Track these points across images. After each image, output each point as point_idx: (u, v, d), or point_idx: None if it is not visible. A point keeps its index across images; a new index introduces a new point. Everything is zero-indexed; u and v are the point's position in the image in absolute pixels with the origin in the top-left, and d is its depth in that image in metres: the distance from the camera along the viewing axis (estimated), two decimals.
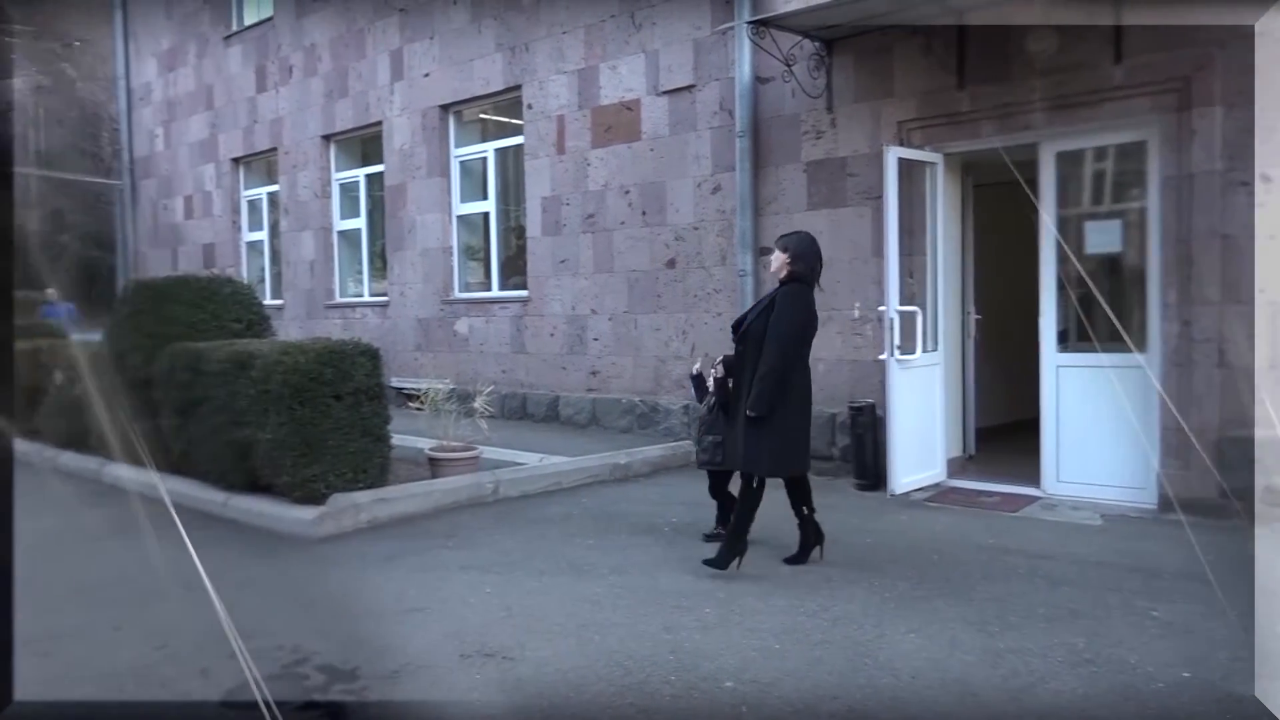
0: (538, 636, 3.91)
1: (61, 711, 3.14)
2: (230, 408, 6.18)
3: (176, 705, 3.35)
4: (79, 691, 3.44)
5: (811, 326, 4.81)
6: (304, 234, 12.61)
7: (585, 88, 9.09)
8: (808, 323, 4.76)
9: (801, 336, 4.72)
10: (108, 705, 3.16)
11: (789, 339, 4.62)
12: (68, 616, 4.27)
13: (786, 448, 4.71)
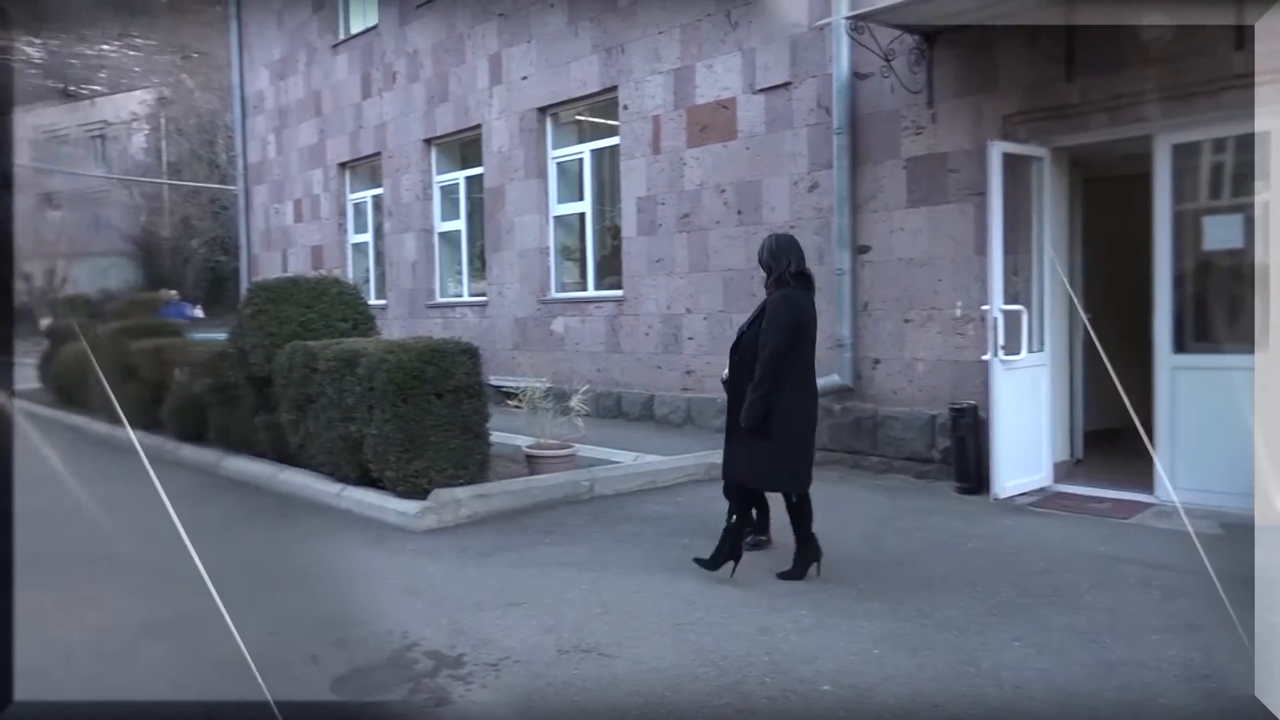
0: (634, 634, 3.95)
1: (62, 711, 3.22)
2: (340, 404, 6.42)
3: (176, 705, 3.40)
4: (199, 676, 3.62)
5: (805, 330, 4.57)
6: (406, 235, 12.98)
7: (681, 87, 9.11)
8: (799, 326, 4.54)
9: (793, 342, 4.50)
10: (108, 705, 3.24)
11: (779, 346, 4.45)
12: (193, 603, 4.49)
13: (785, 461, 4.56)
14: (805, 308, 4.60)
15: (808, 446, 4.68)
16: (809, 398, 4.66)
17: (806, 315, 4.60)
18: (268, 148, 16.17)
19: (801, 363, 4.57)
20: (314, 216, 15.10)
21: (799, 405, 4.57)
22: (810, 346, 4.64)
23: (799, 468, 4.62)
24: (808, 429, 4.67)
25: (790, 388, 4.50)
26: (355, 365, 6.30)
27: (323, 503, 6.57)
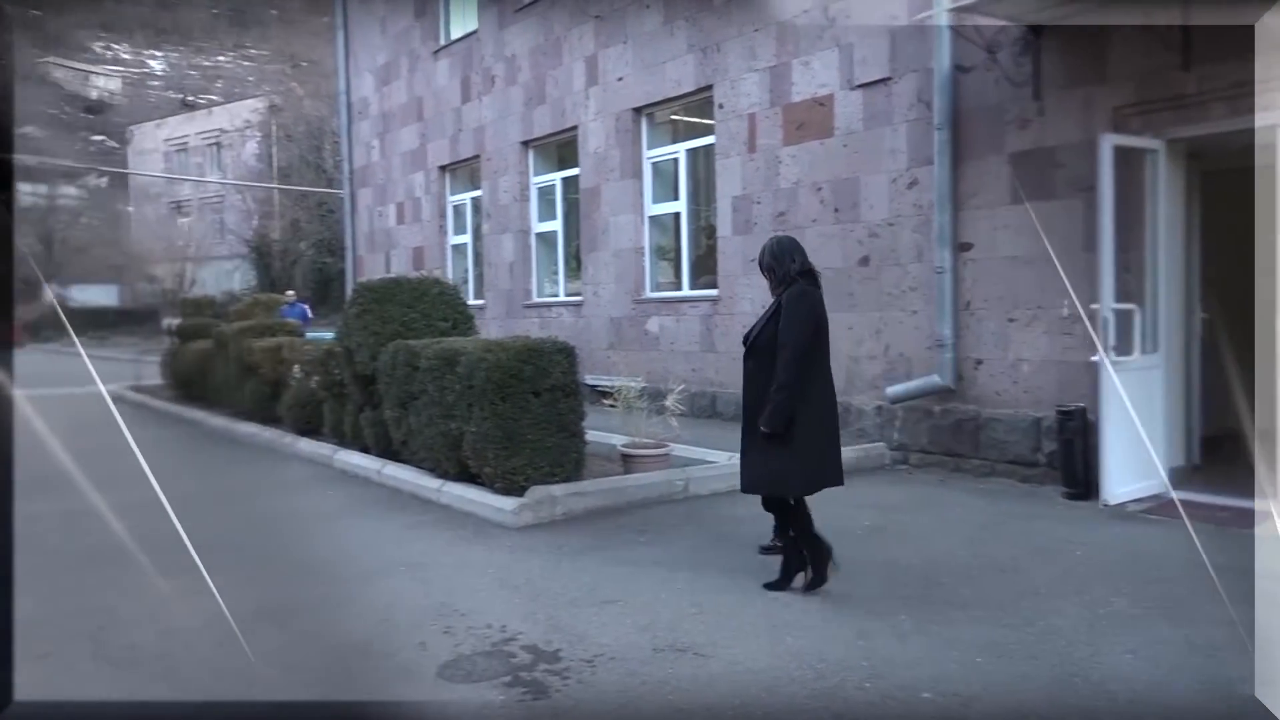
0: (729, 634, 3.95)
1: (62, 711, 3.28)
2: (441, 401, 6.60)
3: (176, 705, 3.46)
4: (312, 661, 3.77)
5: (822, 326, 4.44)
6: (504, 236, 13.23)
7: (777, 85, 9.05)
8: (818, 324, 4.39)
9: (814, 340, 4.35)
10: (107, 705, 3.30)
11: (800, 343, 4.27)
12: (304, 590, 4.70)
13: (815, 462, 4.38)
14: (820, 303, 4.46)
15: (835, 444, 4.52)
16: (830, 395, 4.47)
17: (823, 311, 4.47)
18: (372, 152, 16.68)
19: (820, 360, 4.41)
20: (415, 219, 15.52)
21: (821, 404, 4.40)
22: (826, 341, 4.49)
23: (831, 464, 4.47)
24: (833, 426, 4.50)
25: (812, 387, 4.34)
26: (455, 364, 6.46)
27: (424, 497, 6.76)
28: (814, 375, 4.35)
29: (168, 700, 3.38)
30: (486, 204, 13.63)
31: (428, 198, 15.16)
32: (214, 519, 6.35)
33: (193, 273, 38.50)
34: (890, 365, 8.10)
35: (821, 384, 4.40)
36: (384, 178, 16.35)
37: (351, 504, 6.74)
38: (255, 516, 6.44)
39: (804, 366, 4.27)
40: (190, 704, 3.26)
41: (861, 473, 7.45)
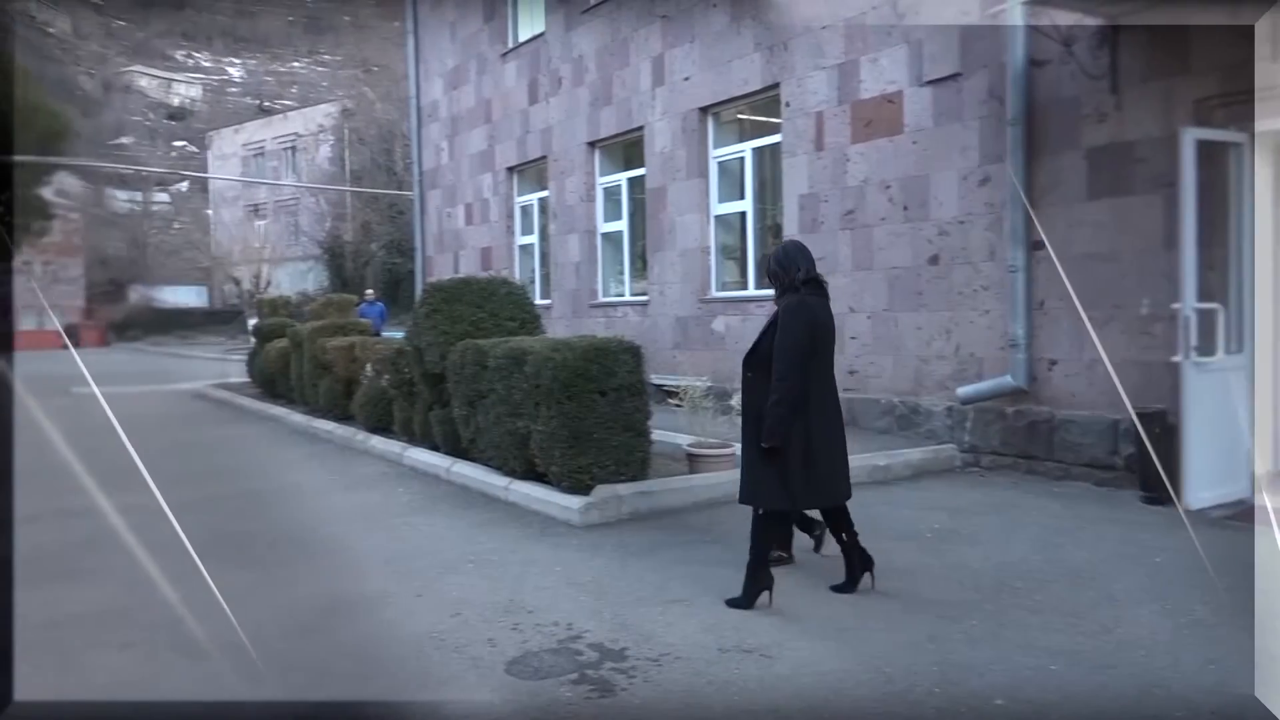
0: (795, 636, 3.94)
1: (61, 711, 3.31)
2: (508, 400, 6.68)
3: (176, 705, 3.49)
4: (385, 654, 3.86)
5: (821, 334, 4.30)
6: (570, 237, 13.33)
7: (845, 82, 8.95)
8: (814, 332, 4.27)
9: (809, 350, 4.24)
10: (107, 705, 3.33)
11: (794, 355, 4.19)
12: (377, 583, 4.81)
13: (818, 475, 4.29)
14: (818, 311, 4.35)
15: (836, 458, 4.42)
16: (831, 405, 4.38)
17: (820, 319, 4.34)
18: (441, 154, 16.96)
19: (819, 370, 4.32)
20: (483, 219, 15.73)
21: (820, 417, 4.30)
22: (827, 350, 4.38)
23: (836, 480, 4.40)
24: (832, 438, 4.39)
25: (810, 400, 4.25)
26: (523, 363, 6.54)
27: (492, 495, 6.86)
28: (812, 387, 4.26)
29: (168, 700, 3.42)
30: (553, 204, 13.75)
31: (496, 199, 15.36)
32: (292, 513, 6.54)
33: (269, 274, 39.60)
34: (961, 366, 7.96)
35: (820, 396, 4.31)
36: (453, 179, 16.61)
37: (421, 501, 6.87)
38: (330, 511, 6.60)
39: (802, 378, 4.20)
40: (191, 704, 3.29)
41: (931, 475, 7.35)
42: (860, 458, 7.30)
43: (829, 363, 4.39)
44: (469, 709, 3.35)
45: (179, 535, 5.96)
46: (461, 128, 16.21)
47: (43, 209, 16.78)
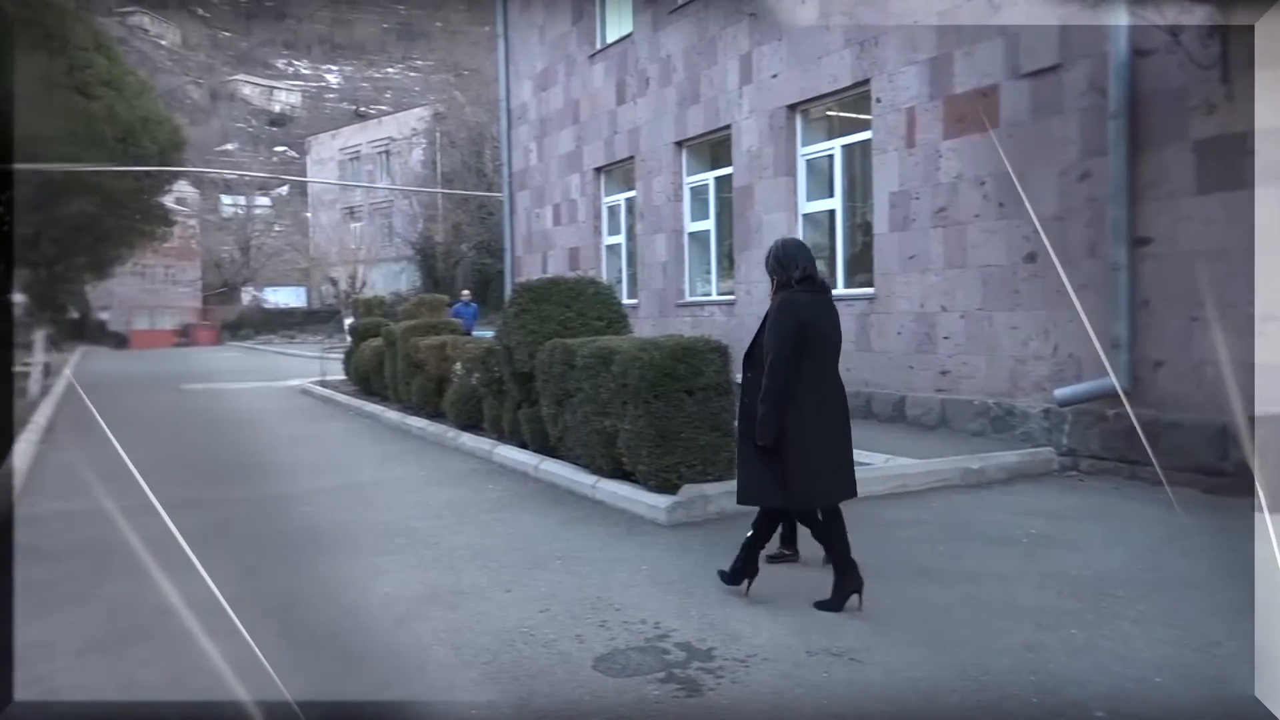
0: (886, 641, 3.88)
1: (61, 711, 3.31)
2: (596, 399, 6.75)
3: (174, 705, 3.50)
4: (478, 644, 3.95)
5: (810, 333, 4.21)
6: (657, 236, 13.38)
7: (937, 77, 8.77)
8: (802, 330, 4.19)
9: (798, 348, 4.17)
10: (107, 705, 3.35)
11: (780, 354, 4.15)
12: (469, 577, 4.92)
13: (808, 475, 4.22)
14: (808, 309, 4.26)
15: (832, 456, 4.30)
16: (829, 403, 4.29)
17: (810, 316, 4.25)
18: (530, 156, 17.21)
19: (814, 368, 4.23)
20: (571, 220, 15.90)
21: (816, 413, 4.22)
22: (822, 348, 4.28)
23: (826, 480, 4.29)
24: (830, 437, 4.28)
25: (804, 396, 4.18)
26: (610, 362, 6.60)
27: (579, 493, 6.94)
28: (805, 385, 4.20)
29: (168, 700, 3.45)
30: (640, 204, 13.82)
31: (583, 199, 15.51)
32: (388, 507, 6.73)
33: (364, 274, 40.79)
34: (1059, 366, 7.72)
35: (816, 393, 4.24)
36: (541, 180, 16.83)
37: (510, 498, 6.99)
38: (423, 506, 6.77)
39: (789, 377, 4.16)
40: (191, 704, 3.33)
41: (1026, 478, 7.15)
42: (952, 460, 7.17)
43: (827, 360, 4.33)
44: (469, 709, 3.38)
45: (284, 526, 6.21)
46: (550, 129, 16.42)
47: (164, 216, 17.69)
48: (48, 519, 6.58)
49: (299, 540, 5.82)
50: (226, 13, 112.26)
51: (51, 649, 3.99)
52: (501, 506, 6.67)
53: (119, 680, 3.65)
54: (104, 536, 6.03)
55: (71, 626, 4.29)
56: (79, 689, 3.57)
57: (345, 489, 7.44)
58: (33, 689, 3.58)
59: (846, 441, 4.38)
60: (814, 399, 4.23)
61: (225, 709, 3.28)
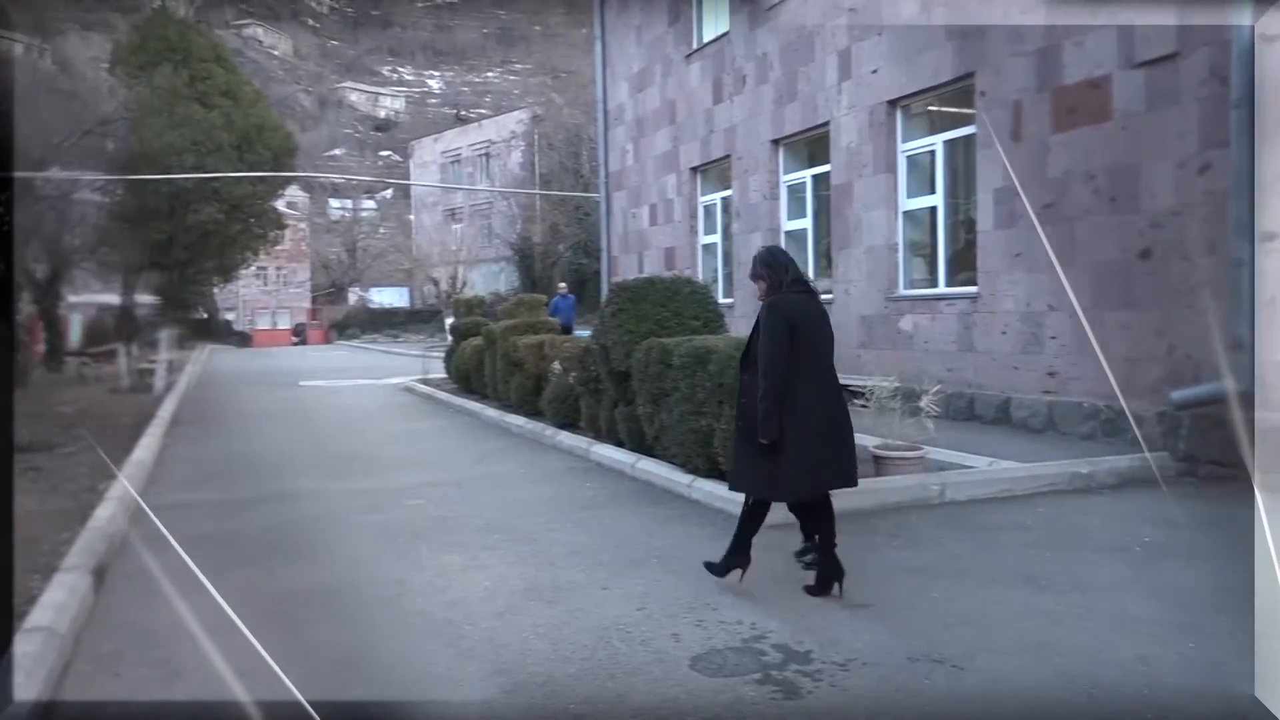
0: (989, 648, 3.80)
1: (60, 712, 3.30)
2: (692, 398, 6.77)
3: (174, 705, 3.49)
4: (576, 639, 4.02)
5: (800, 333, 4.38)
6: (753, 235, 13.31)
7: (1045, 68, 8.49)
8: (792, 331, 4.36)
9: (788, 349, 4.35)
10: (106, 705, 3.34)
11: (771, 355, 4.35)
12: (566, 573, 5.01)
13: (803, 469, 4.38)
14: (797, 310, 4.45)
15: (826, 450, 4.43)
16: (822, 401, 4.43)
17: (800, 317, 4.43)
18: (626, 156, 17.33)
19: (806, 365, 4.40)
20: (667, 220, 15.96)
21: (808, 410, 4.37)
22: (814, 346, 4.46)
23: (817, 474, 4.45)
24: (829, 431, 4.43)
25: (798, 395, 4.35)
26: (707, 362, 6.61)
27: (675, 492, 6.97)
28: (799, 383, 4.37)
29: (168, 700, 3.46)
30: (736, 203, 13.78)
31: (679, 199, 15.55)
32: (490, 502, 6.90)
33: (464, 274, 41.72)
34: (1174, 368, 7.39)
35: (810, 391, 4.40)
36: (637, 180, 16.94)
37: (606, 496, 7.08)
38: (522, 502, 6.92)
39: (782, 377, 4.33)
40: (191, 704, 3.36)
41: (1139, 484, 6.87)
42: (1059, 464, 6.95)
43: (819, 359, 4.49)
44: (469, 710, 3.40)
45: (391, 519, 6.43)
46: (646, 129, 16.51)
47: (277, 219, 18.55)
48: (173, 509, 6.97)
49: (405, 532, 6.02)
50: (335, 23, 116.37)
51: (178, 631, 4.23)
52: (598, 504, 6.76)
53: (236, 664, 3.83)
54: (223, 526, 6.36)
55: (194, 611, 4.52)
56: (198, 670, 3.76)
57: (447, 484, 7.64)
58: (160, 670, 3.80)
59: (844, 434, 4.52)
60: (808, 395, 4.40)
61: (227, 709, 3.23)
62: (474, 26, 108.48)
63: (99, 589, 4.84)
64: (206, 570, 5.24)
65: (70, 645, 3.94)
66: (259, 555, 5.58)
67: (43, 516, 6.22)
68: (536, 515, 6.47)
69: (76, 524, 5.86)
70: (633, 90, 16.92)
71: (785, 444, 4.36)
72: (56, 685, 3.54)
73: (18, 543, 5.35)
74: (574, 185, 35.06)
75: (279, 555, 5.57)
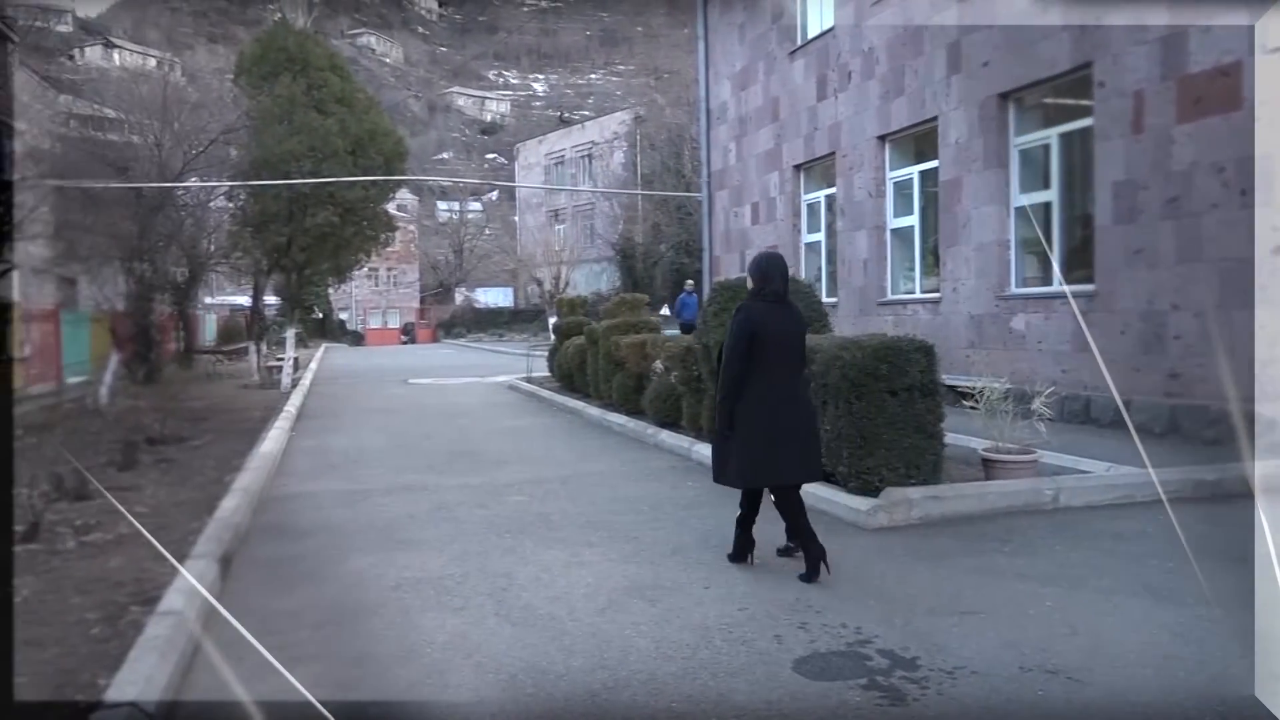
0: (1107, 661, 3.66)
1: (60, 712, 3.30)
2: None
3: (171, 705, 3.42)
4: (676, 637, 4.04)
5: (758, 337, 4.78)
6: (858, 233, 13.10)
7: (1169, 56, 8.10)
8: (753, 337, 4.77)
9: (745, 351, 4.78)
10: (105, 705, 3.30)
11: (729, 358, 4.84)
12: (668, 572, 5.04)
13: (751, 460, 4.84)
14: (759, 318, 4.83)
15: (777, 443, 4.83)
16: (778, 400, 4.83)
17: (761, 324, 4.81)
18: (728, 155, 17.28)
19: (765, 367, 4.81)
20: (769, 218, 15.85)
21: (762, 408, 4.80)
22: (775, 352, 4.83)
23: (771, 464, 4.85)
24: (770, 429, 4.81)
25: (754, 394, 4.80)
26: (810, 362, 6.54)
27: None
28: (757, 384, 4.81)
29: (168, 700, 3.43)
30: (840, 201, 13.58)
31: (782, 197, 15.41)
32: (592, 499, 6.99)
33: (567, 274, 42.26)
34: None
35: (765, 391, 4.82)
36: (740, 179, 16.87)
37: (708, 495, 7.06)
38: (624, 501, 6.98)
39: (733, 377, 4.82)
40: (191, 704, 3.36)
41: (1272, 493, 6.47)
42: (1184, 470, 6.64)
43: (781, 362, 4.87)
44: (471, 710, 3.39)
45: (497, 513, 6.59)
46: (749, 128, 16.42)
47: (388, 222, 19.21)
48: (295, 499, 7.29)
49: (510, 527, 6.15)
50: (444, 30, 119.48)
51: (299, 618, 4.43)
52: (699, 503, 6.77)
53: (353, 652, 3.99)
54: (343, 516, 6.62)
55: (313, 599, 4.73)
56: (318, 657, 3.93)
57: (550, 481, 7.77)
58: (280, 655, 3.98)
59: (802, 430, 4.93)
60: (763, 394, 4.82)
61: (228, 709, 3.20)
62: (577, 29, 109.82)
63: (225, 576, 5.09)
64: (327, 559, 5.51)
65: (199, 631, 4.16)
66: (375, 545, 5.79)
67: (173, 507, 6.59)
68: (638, 513, 6.52)
69: (205, 514, 6.19)
70: (735, 88, 16.86)
71: (738, 437, 4.85)
72: (186, 669, 3.74)
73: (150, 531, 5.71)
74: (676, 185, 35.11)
75: (393, 545, 5.77)
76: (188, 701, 3.49)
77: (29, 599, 4.39)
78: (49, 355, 13.36)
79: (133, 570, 4.92)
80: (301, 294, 20.11)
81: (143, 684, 3.31)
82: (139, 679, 3.34)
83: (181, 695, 3.51)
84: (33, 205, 10.09)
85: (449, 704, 3.47)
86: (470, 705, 3.44)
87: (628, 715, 3.34)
